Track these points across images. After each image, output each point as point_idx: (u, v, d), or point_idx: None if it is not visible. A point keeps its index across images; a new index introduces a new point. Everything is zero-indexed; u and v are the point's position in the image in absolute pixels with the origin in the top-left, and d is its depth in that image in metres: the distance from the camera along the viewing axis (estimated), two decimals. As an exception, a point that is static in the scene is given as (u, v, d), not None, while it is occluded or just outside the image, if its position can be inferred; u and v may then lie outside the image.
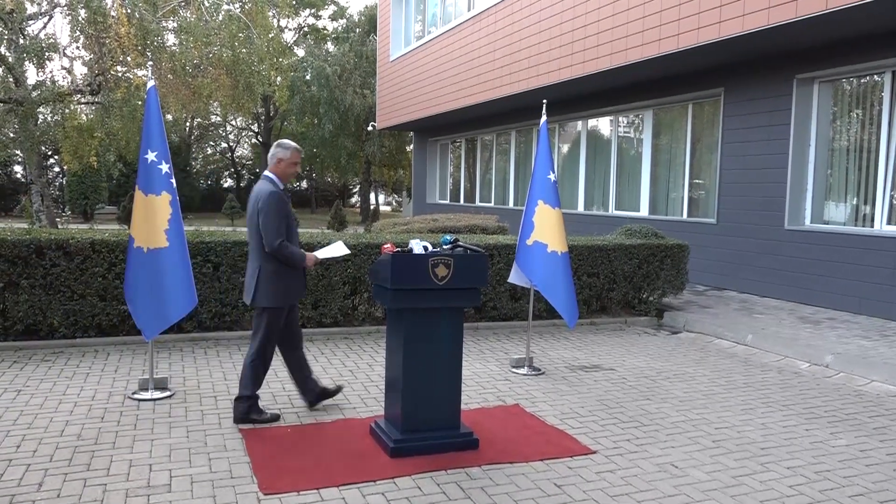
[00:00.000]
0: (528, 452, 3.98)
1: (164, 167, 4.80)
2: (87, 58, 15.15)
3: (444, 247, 4.06)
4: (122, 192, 27.71)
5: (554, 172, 5.82)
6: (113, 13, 13.40)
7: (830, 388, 5.58)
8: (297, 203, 33.66)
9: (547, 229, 5.64)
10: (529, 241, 5.68)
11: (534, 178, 5.80)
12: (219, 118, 35.70)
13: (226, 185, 41.11)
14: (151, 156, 4.79)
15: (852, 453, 4.17)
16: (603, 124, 13.47)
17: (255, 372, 4.34)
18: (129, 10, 13.47)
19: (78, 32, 13.44)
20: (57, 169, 30.98)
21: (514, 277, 6.00)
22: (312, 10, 34.73)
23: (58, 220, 17.43)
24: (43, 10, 14.95)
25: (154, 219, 4.74)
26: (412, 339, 3.86)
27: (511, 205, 16.20)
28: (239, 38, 14.62)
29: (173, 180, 4.85)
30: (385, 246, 4.03)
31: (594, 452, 4.04)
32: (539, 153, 5.84)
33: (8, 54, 14.41)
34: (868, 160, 8.50)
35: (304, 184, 44.34)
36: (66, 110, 15.27)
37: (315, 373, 5.03)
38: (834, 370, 6.09)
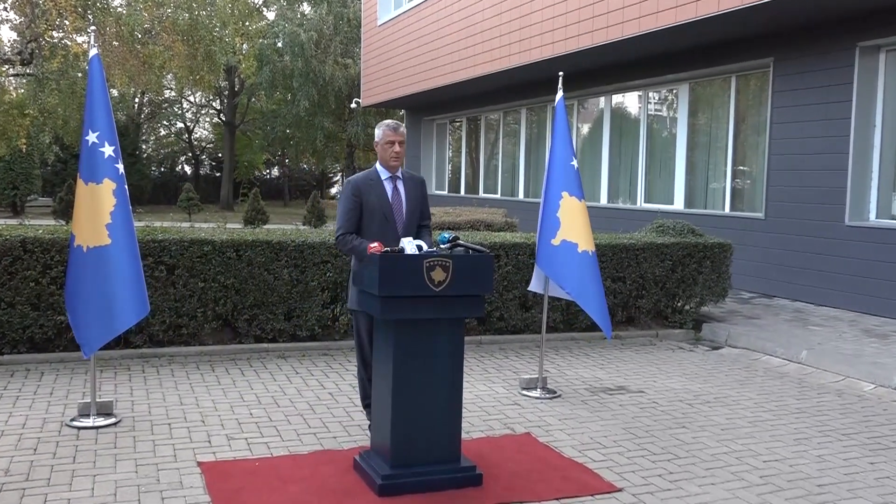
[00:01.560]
0: (540, 490, 3.98)
1: (108, 150, 4.79)
2: (17, 21, 15.14)
3: (442, 246, 4.06)
4: (58, 180, 27.69)
5: (575, 158, 5.83)
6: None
7: (899, 414, 5.59)
8: (267, 195, 33.66)
9: (575, 226, 5.64)
10: (556, 241, 5.66)
11: (552, 166, 5.80)
12: (174, 93, 35.67)
13: (182, 172, 41.08)
14: (93, 137, 4.78)
15: (925, 491, 4.18)
16: (630, 101, 13.48)
17: (360, 383, 4.80)
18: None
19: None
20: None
21: (536, 284, 6.00)
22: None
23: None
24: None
25: (95, 211, 4.74)
26: (404, 356, 3.86)
27: (521, 196, 16.22)
28: (197, -1, 14.65)
29: (119, 165, 4.85)
30: (371, 245, 4.03)
31: (619, 490, 4.04)
32: (556, 136, 5.83)
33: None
34: (944, 144, 8.52)
35: (275, 171, 44.39)
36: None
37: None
38: (903, 393, 6.11)
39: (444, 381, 3.93)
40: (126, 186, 4.89)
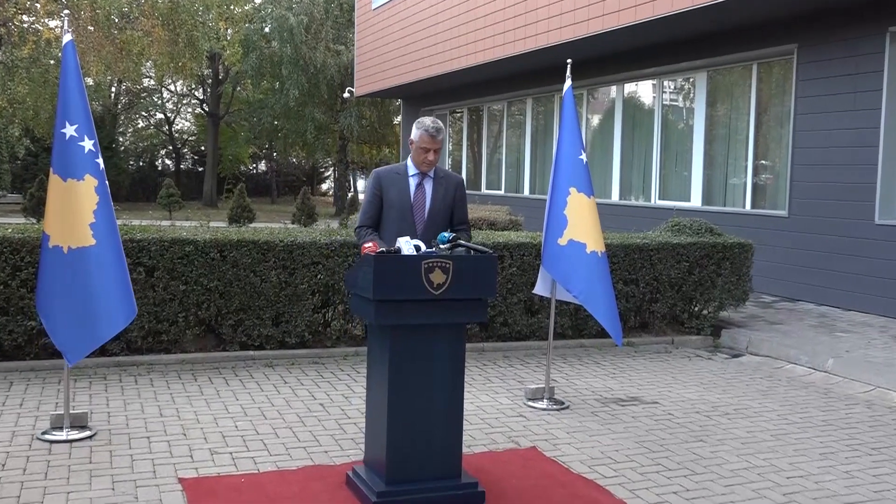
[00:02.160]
0: (547, 508, 3.98)
1: (87, 144, 4.80)
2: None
3: (442, 246, 4.07)
4: (29, 176, 27.70)
5: (584, 151, 5.84)
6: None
7: (933, 427, 5.60)
8: (253, 191, 33.69)
9: (583, 224, 5.65)
10: (563, 241, 5.67)
11: (559, 160, 5.81)
12: (153, 82, 35.69)
13: (162, 166, 41.09)
14: (70, 129, 4.79)
15: (961, 509, 4.18)
16: (644, 90, 13.49)
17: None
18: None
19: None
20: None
21: (542, 287, 6.01)
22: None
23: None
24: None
25: (76, 210, 4.74)
26: (400, 364, 3.86)
27: (526, 192, 16.23)
28: (179, -20, 14.67)
29: (100, 160, 4.85)
30: (366, 245, 4.03)
31: (632, 508, 4.04)
32: (564, 127, 5.85)
33: None
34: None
35: (262, 165, 44.41)
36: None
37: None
38: (937, 404, 6.11)
39: (443, 391, 3.94)
40: (107, 182, 4.90)
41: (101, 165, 4.86)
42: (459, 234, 4.43)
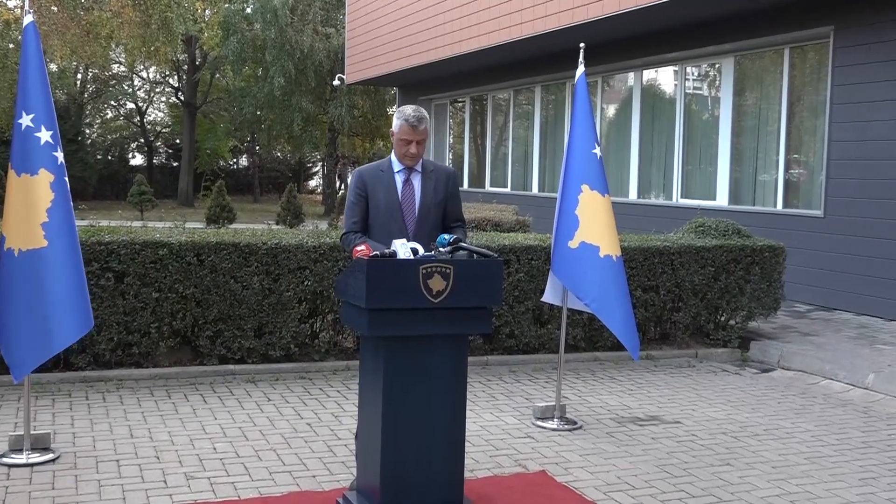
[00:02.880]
0: (558, 539, 3.98)
1: (45, 135, 4.79)
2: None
3: (441, 249, 4.07)
4: (-14, 171, 27.72)
5: (599, 145, 5.84)
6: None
7: (984, 449, 5.59)
8: (234, 188, 33.70)
9: (596, 225, 5.65)
10: (573, 243, 5.68)
11: (571, 154, 5.82)
12: (123, 68, 35.72)
13: (133, 161, 41.11)
14: (27, 120, 4.79)
15: None
16: (664, 78, 13.50)
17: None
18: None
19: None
20: None
21: (551, 294, 6.01)
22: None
23: None
24: None
25: (28, 208, 4.73)
26: (396, 380, 3.86)
27: (535, 190, 16.24)
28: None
29: (59, 154, 4.85)
30: (358, 248, 4.03)
31: (652, 539, 4.04)
32: (577, 118, 5.86)
33: None
34: None
35: (244, 160, 44.44)
36: None
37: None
38: None
39: (443, 409, 3.94)
40: (66, 178, 4.90)
41: (60, 159, 4.84)
42: (456, 233, 4.43)
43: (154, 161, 40.32)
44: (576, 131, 5.83)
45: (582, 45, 6.27)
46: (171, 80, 38.55)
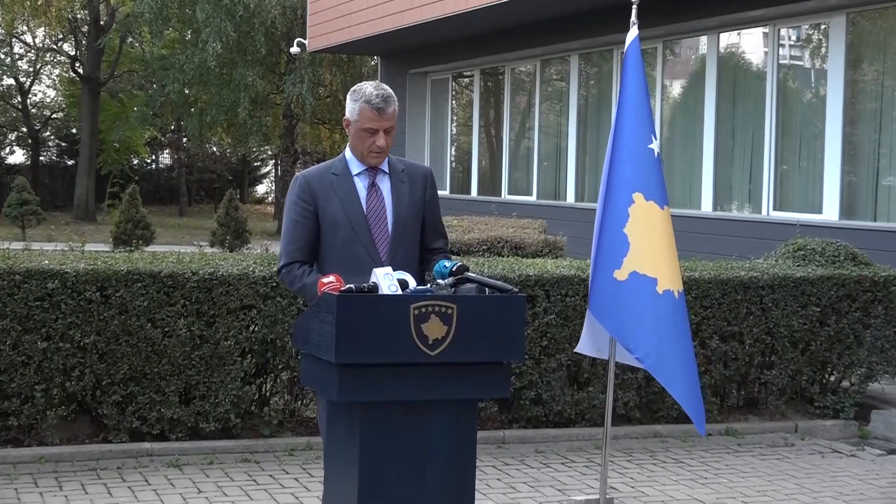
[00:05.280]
0: None
1: None
2: None
3: (441, 282, 4.07)
4: None
5: (657, 138, 5.85)
6: None
7: None
8: (152, 196, 33.74)
9: (653, 249, 5.64)
10: (621, 274, 5.66)
11: (617, 150, 5.82)
12: (0, 31, 35.92)
13: (11, 158, 41.28)
14: None
15: None
16: (749, 43, 13.55)
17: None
18: None
19: None
20: None
21: (588, 344, 5.97)
22: None
23: None
24: None
25: None
26: (376, 466, 3.85)
27: (570, 199, 16.25)
28: None
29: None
30: (325, 280, 4.03)
31: None
32: (626, 100, 5.86)
33: None
34: None
35: (166, 157, 44.58)
36: None
37: None
38: None
39: (442, 502, 3.92)
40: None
41: None
42: (432, 257, 4.41)
43: (41, 158, 40.49)
44: (625, 118, 5.84)
45: (635, -2, 6.29)
46: (65, 47, 38.76)
